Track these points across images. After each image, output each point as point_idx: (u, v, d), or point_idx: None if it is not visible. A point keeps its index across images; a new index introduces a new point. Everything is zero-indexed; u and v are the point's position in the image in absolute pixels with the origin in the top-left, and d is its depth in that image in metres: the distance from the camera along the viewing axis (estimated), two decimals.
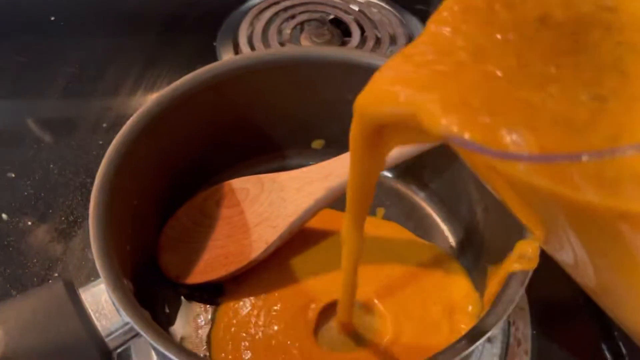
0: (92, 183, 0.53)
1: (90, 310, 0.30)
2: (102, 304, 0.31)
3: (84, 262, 0.48)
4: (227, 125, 0.47)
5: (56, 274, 0.47)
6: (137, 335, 0.31)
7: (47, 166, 0.55)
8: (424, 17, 0.72)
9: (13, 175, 0.54)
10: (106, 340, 0.30)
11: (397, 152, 0.38)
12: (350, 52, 0.45)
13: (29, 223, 0.51)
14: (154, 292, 0.42)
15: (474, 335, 0.29)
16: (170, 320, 0.41)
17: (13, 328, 0.28)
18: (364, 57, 0.45)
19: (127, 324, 0.30)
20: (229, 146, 0.48)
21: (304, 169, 0.43)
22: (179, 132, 0.43)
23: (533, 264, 0.32)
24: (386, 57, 0.44)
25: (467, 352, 0.28)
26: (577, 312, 0.47)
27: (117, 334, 0.30)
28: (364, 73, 0.44)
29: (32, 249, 0.49)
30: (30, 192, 0.53)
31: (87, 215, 0.50)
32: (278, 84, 0.46)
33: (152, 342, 0.28)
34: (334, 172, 0.42)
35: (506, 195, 0.21)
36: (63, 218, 0.51)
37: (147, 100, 0.61)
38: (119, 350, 0.31)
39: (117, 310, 0.30)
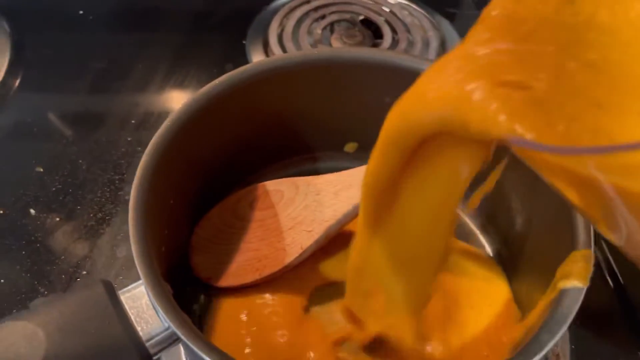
0: (120, 180, 0.53)
1: (130, 314, 0.29)
2: (142, 307, 0.30)
3: (113, 260, 0.47)
4: (260, 126, 0.46)
5: (84, 272, 0.47)
6: (177, 340, 0.30)
7: (75, 161, 0.54)
8: (454, 20, 0.71)
9: (41, 169, 0.53)
10: (147, 345, 0.29)
11: None
12: (390, 54, 0.44)
13: (57, 219, 0.50)
14: (184, 293, 0.41)
15: (528, 353, 0.28)
16: (201, 321, 0.40)
17: (54, 331, 0.27)
18: (404, 59, 0.44)
19: (168, 328, 0.29)
20: (262, 147, 0.47)
21: (342, 173, 0.42)
22: (213, 132, 0.43)
23: (586, 280, 0.31)
24: (426, 60, 0.43)
25: None
26: (616, 325, 0.46)
27: (158, 339, 0.29)
28: (403, 76, 0.44)
29: (59, 246, 0.48)
30: (58, 188, 0.52)
31: (115, 212, 0.50)
32: (313, 85, 0.45)
33: (195, 349, 0.27)
34: None
35: (573, 194, 0.20)
36: (91, 215, 0.50)
37: (175, 97, 0.61)
38: (158, 355, 0.30)
39: (159, 314, 0.29)
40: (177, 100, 0.61)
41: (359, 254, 0.32)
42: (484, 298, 0.40)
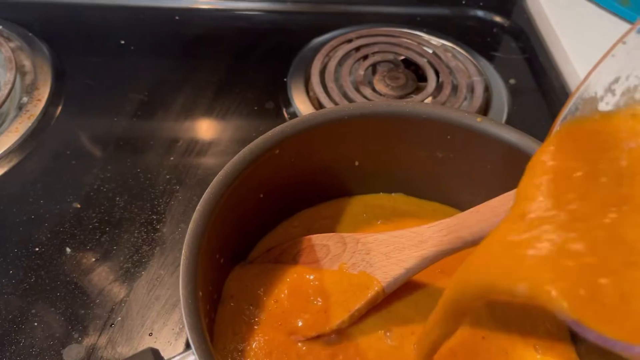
0: (157, 220, 0.52)
1: None
2: None
3: (149, 306, 0.46)
4: (308, 173, 0.45)
5: (119, 318, 0.45)
6: None
7: (112, 198, 0.53)
8: (498, 64, 0.70)
9: (79, 205, 0.52)
10: None
11: None
12: (445, 110, 0.42)
13: (93, 259, 0.49)
14: None
15: None
16: None
17: None
18: (459, 116, 0.42)
19: None
20: (307, 191, 0.46)
21: (394, 233, 0.41)
22: (263, 182, 0.41)
23: None
24: (481, 117, 0.41)
25: None
26: None
27: None
28: (457, 132, 0.43)
29: (95, 288, 0.47)
30: (95, 225, 0.51)
31: (152, 254, 0.49)
32: (364, 137, 0.44)
33: None
34: (429, 240, 0.39)
35: None
36: (128, 256, 0.49)
37: (216, 133, 0.60)
38: None
39: None
40: (218, 134, 0.60)
41: None
42: None
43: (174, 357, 0.30)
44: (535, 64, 0.71)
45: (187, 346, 0.34)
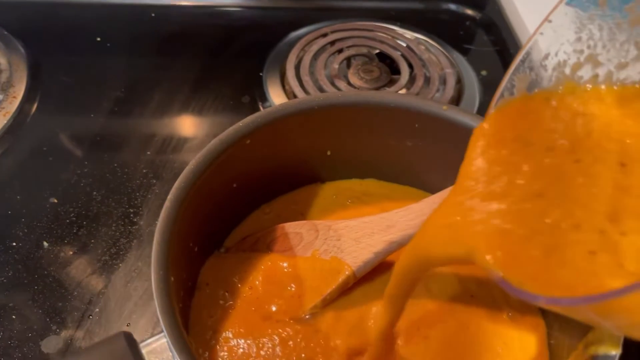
0: (134, 214, 0.52)
1: None
2: None
3: (127, 298, 0.47)
4: (281, 162, 0.46)
5: (97, 309, 0.46)
6: None
7: (90, 193, 0.54)
8: (471, 57, 0.71)
9: (56, 200, 0.53)
10: None
11: None
12: (415, 100, 0.44)
13: (71, 253, 0.49)
14: None
15: None
16: None
17: None
18: (429, 105, 0.44)
19: None
20: (279, 179, 0.47)
21: (364, 219, 0.42)
22: (235, 171, 0.42)
23: (619, 346, 0.30)
24: (452, 107, 0.43)
25: None
26: None
27: None
28: (427, 120, 0.44)
29: (72, 281, 0.48)
30: (72, 220, 0.51)
31: (130, 247, 0.50)
32: (336, 126, 0.45)
33: None
34: (396, 224, 0.40)
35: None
36: (105, 249, 0.50)
37: (192, 128, 0.61)
38: None
39: None
40: (194, 129, 0.61)
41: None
42: (515, 343, 0.39)
43: (146, 339, 0.31)
44: (507, 55, 0.72)
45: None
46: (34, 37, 0.67)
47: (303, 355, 0.37)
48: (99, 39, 0.69)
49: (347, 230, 0.42)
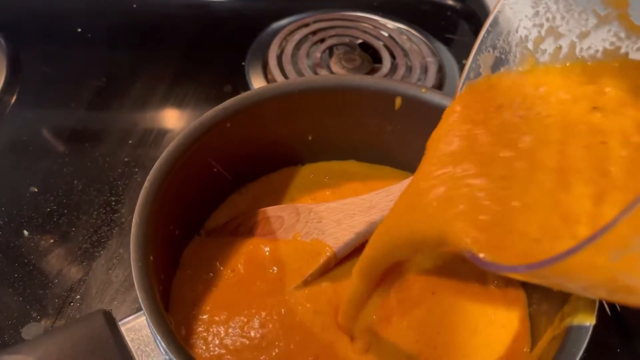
0: (116, 202, 0.52)
1: (131, 347, 0.29)
2: (143, 339, 0.29)
3: (108, 284, 0.46)
4: (261, 144, 0.46)
5: (78, 296, 0.46)
6: None
7: (71, 182, 0.53)
8: (452, 46, 0.72)
9: (36, 189, 0.52)
10: None
11: None
12: (394, 83, 0.44)
13: (51, 241, 0.49)
14: None
15: None
16: None
17: None
18: (409, 88, 0.44)
19: None
20: (260, 160, 0.47)
21: (345, 201, 0.42)
22: (216, 153, 0.42)
23: (593, 317, 0.31)
24: (432, 91, 0.43)
25: None
26: (614, 355, 0.46)
27: None
28: (404, 102, 0.44)
29: (53, 269, 0.47)
30: (52, 209, 0.51)
31: (111, 235, 0.50)
32: (316, 110, 0.45)
33: None
34: (377, 205, 0.40)
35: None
36: (86, 237, 0.49)
37: (174, 117, 0.61)
38: None
39: (160, 347, 0.29)
40: (175, 119, 0.61)
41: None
42: (496, 319, 0.39)
43: (125, 318, 0.30)
44: None
45: None
46: (13, 26, 0.67)
47: (280, 331, 0.37)
48: (79, 29, 0.68)
49: (328, 213, 0.42)
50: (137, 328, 0.30)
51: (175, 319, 0.36)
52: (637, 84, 0.28)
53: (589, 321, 0.30)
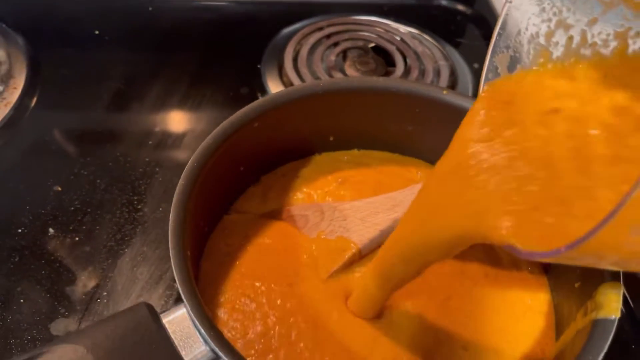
0: (138, 201, 0.53)
1: (173, 338, 0.30)
2: (185, 331, 0.30)
3: (134, 281, 0.47)
4: (286, 142, 0.47)
5: (105, 293, 0.46)
6: None
7: (93, 181, 0.54)
8: (463, 50, 0.73)
9: (59, 188, 0.53)
10: None
11: None
12: (412, 84, 0.45)
13: (76, 239, 0.50)
14: None
15: None
16: None
17: (103, 355, 0.27)
18: (427, 89, 0.45)
19: (214, 355, 0.29)
20: (280, 156, 0.48)
21: (369, 200, 0.43)
22: (241, 151, 0.43)
23: (618, 311, 0.32)
24: (452, 92, 0.44)
25: None
26: (630, 352, 0.47)
27: None
28: (425, 104, 0.45)
29: (79, 266, 0.48)
30: (77, 207, 0.52)
31: (135, 233, 0.51)
32: (341, 110, 0.46)
33: None
34: (401, 203, 0.41)
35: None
36: (110, 235, 0.50)
37: (193, 119, 0.62)
38: None
39: (204, 339, 0.30)
40: (194, 121, 0.62)
41: None
42: (534, 304, 0.40)
43: (165, 310, 0.31)
44: None
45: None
46: (32, 29, 0.68)
47: (303, 325, 0.38)
48: (97, 32, 0.69)
49: (352, 211, 0.43)
50: (178, 320, 0.30)
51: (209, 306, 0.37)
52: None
53: (614, 314, 0.32)
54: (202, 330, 0.29)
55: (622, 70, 0.30)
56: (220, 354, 0.28)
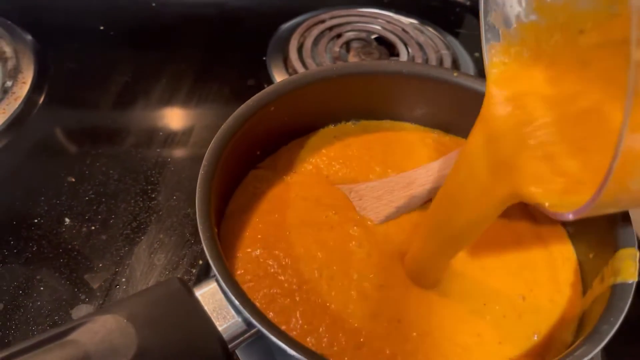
0: (152, 190, 0.54)
1: (207, 309, 0.30)
2: (218, 303, 0.31)
3: (151, 267, 0.48)
4: (299, 125, 0.47)
5: (124, 279, 0.47)
6: (255, 335, 0.31)
7: (106, 172, 0.55)
8: (463, 40, 0.74)
9: (73, 179, 0.54)
10: (226, 339, 0.30)
11: None
12: (423, 67, 0.46)
13: (92, 228, 0.50)
14: None
15: (593, 341, 0.29)
16: None
17: (143, 324, 0.28)
18: (437, 72, 0.46)
19: (246, 324, 0.30)
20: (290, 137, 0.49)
21: (384, 180, 0.44)
22: (259, 130, 0.43)
23: (635, 275, 0.33)
24: (462, 74, 0.45)
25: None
26: None
27: (236, 334, 0.30)
28: (436, 86, 0.46)
29: (97, 254, 0.49)
30: (91, 197, 0.52)
31: (150, 221, 0.51)
32: (354, 93, 0.47)
33: (279, 343, 0.28)
34: (416, 180, 0.42)
35: None
36: (127, 224, 0.51)
37: (201, 111, 0.62)
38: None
39: (237, 310, 0.30)
40: (203, 113, 0.62)
41: None
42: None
43: (197, 284, 0.32)
44: None
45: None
46: (38, 25, 0.68)
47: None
48: (102, 27, 0.70)
49: (368, 191, 0.44)
50: (211, 293, 0.31)
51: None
52: None
53: (631, 279, 0.33)
54: (236, 302, 0.30)
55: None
56: (263, 329, 0.29)
